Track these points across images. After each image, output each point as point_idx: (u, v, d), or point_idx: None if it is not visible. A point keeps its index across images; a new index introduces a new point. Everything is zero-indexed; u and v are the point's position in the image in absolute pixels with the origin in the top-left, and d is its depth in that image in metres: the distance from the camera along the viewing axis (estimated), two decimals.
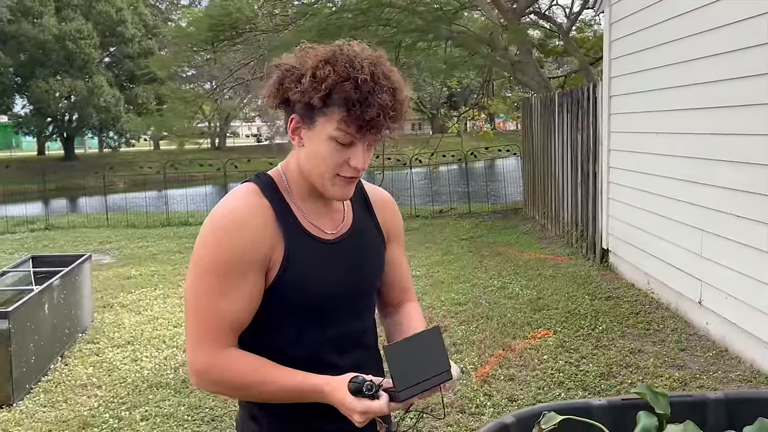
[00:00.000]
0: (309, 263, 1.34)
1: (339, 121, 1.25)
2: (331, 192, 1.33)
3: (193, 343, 1.29)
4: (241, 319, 1.31)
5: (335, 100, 1.24)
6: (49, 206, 17.09)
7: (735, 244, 4.32)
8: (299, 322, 1.35)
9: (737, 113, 4.31)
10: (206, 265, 1.28)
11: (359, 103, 1.23)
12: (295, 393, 1.28)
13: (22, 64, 30.30)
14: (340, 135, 1.26)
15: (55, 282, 4.72)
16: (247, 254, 1.28)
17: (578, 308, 5.47)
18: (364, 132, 1.26)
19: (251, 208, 1.31)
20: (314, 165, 1.31)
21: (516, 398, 3.83)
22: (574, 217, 7.95)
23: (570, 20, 14.26)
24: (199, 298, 1.29)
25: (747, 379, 3.99)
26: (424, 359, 1.22)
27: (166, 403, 3.97)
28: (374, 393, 1.20)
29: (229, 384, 1.30)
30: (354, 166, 1.30)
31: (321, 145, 1.29)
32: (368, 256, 1.46)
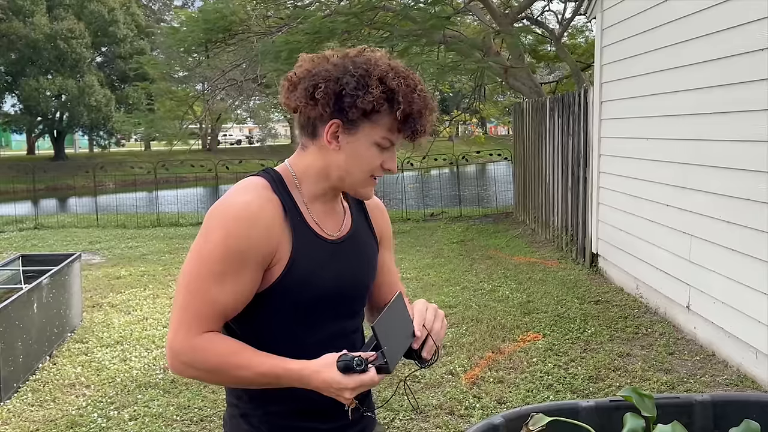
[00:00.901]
0: (313, 262, 1.36)
1: (389, 129, 1.32)
2: (362, 192, 1.40)
3: (176, 323, 1.29)
4: (228, 309, 1.31)
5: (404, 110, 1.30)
6: (39, 206, 16.98)
7: (723, 250, 4.35)
8: (299, 320, 1.36)
9: (727, 119, 4.35)
10: (210, 251, 1.28)
11: (419, 114, 1.31)
12: (271, 378, 1.28)
13: (13, 62, 30.14)
14: (385, 141, 1.33)
15: (44, 281, 4.69)
16: (252, 248, 1.28)
17: (567, 312, 5.50)
18: (413, 139, 1.34)
19: (262, 202, 1.32)
20: (354, 168, 1.35)
21: (505, 400, 3.85)
22: (564, 222, 7.99)
23: (562, 26, 14.33)
24: (194, 281, 1.29)
25: (734, 383, 4.03)
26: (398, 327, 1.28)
27: (155, 403, 3.96)
28: (364, 368, 1.22)
29: (205, 366, 1.28)
30: (388, 168, 1.36)
31: (363, 149, 1.33)
32: (365, 258, 1.49)
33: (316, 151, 1.37)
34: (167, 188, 17.66)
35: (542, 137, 8.98)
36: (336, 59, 1.34)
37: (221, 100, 21.84)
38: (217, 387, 4.14)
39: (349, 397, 1.22)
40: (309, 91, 1.31)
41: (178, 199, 14.17)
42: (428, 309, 1.36)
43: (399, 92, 1.29)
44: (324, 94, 1.29)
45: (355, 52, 1.36)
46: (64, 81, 29.77)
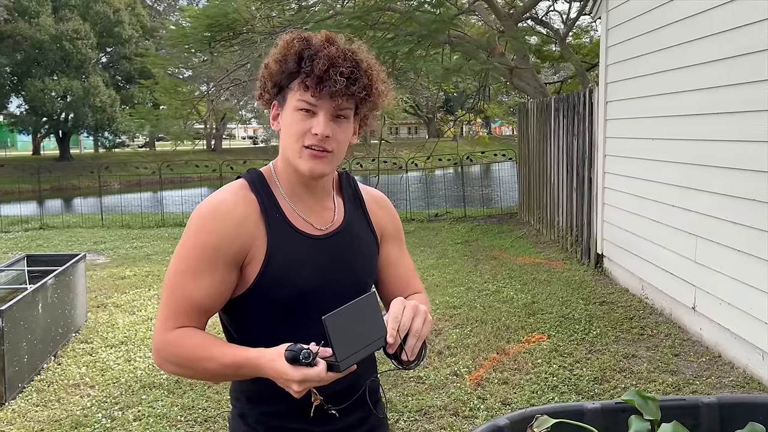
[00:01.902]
0: (292, 258, 1.34)
1: (298, 89, 1.30)
2: (302, 166, 1.34)
3: (158, 320, 1.33)
4: (205, 305, 1.32)
5: (290, 62, 1.30)
6: (44, 206, 17.03)
7: (729, 250, 4.33)
8: (280, 317, 1.34)
9: (732, 120, 4.33)
10: (184, 249, 1.32)
11: (309, 59, 1.28)
12: (233, 368, 1.26)
13: (19, 63, 30.25)
14: (300, 103, 1.30)
15: (49, 281, 4.70)
16: (223, 243, 1.30)
17: (572, 313, 5.48)
18: (318, 92, 1.28)
19: (235, 200, 1.34)
20: (285, 141, 1.35)
21: (510, 402, 3.83)
22: (569, 222, 7.97)
23: (567, 26, 14.31)
24: (171, 278, 1.32)
25: (740, 385, 4.01)
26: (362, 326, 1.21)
27: (159, 403, 3.96)
28: (311, 361, 1.16)
29: (178, 360, 1.30)
30: (315, 132, 1.30)
31: (288, 118, 1.33)
32: (358, 253, 1.45)
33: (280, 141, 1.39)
34: (172, 188, 17.70)
35: (547, 137, 8.96)
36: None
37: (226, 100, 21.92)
38: (221, 387, 4.14)
39: (297, 390, 1.17)
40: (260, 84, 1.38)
41: (182, 199, 14.18)
42: (405, 309, 1.26)
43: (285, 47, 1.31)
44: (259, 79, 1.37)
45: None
46: (70, 82, 29.86)
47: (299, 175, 1.36)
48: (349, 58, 1.29)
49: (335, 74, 1.27)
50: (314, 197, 1.41)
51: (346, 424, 1.39)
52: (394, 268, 1.55)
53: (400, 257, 1.58)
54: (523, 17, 12.31)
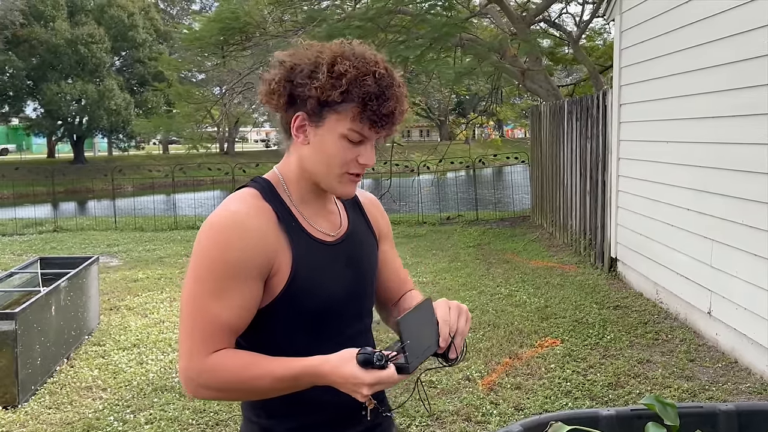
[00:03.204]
0: (316, 267, 1.31)
1: (353, 119, 1.24)
2: (339, 190, 1.32)
3: (186, 349, 1.24)
4: (235, 324, 1.26)
5: (353, 96, 1.22)
6: (58, 209, 17.17)
7: (746, 255, 4.27)
8: (311, 327, 1.32)
9: (748, 122, 4.27)
10: (204, 268, 1.24)
11: (377, 98, 1.22)
12: (290, 381, 1.22)
13: (34, 67, 30.57)
14: (352, 133, 1.25)
15: (62, 284, 4.73)
16: (247, 258, 1.23)
17: (586, 317, 5.43)
18: (378, 128, 1.25)
19: (252, 211, 1.27)
20: (322, 163, 1.29)
21: (522, 407, 3.80)
22: (583, 226, 7.91)
23: (580, 29, 14.24)
24: (194, 301, 1.24)
25: (757, 391, 3.94)
26: (424, 330, 1.24)
27: (171, 406, 3.96)
28: (384, 364, 1.17)
29: (220, 386, 1.24)
30: (363, 163, 1.28)
31: (330, 143, 1.26)
32: (366, 256, 1.45)
33: (293, 150, 1.33)
34: (185, 191, 17.79)
35: (560, 140, 8.90)
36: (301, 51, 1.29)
37: (238, 103, 22.01)
38: None
39: (366, 393, 1.17)
40: (269, 85, 1.28)
41: (195, 202, 14.24)
42: (451, 310, 1.29)
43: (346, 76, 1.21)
44: (277, 85, 1.26)
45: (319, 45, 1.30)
46: (85, 85, 30.14)
47: (315, 187, 1.34)
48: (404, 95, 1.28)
49: (399, 114, 1.26)
50: (321, 204, 1.39)
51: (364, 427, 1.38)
52: (391, 266, 1.56)
53: (394, 256, 1.58)
54: (536, 20, 12.26)
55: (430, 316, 1.28)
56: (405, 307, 1.51)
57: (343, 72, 1.22)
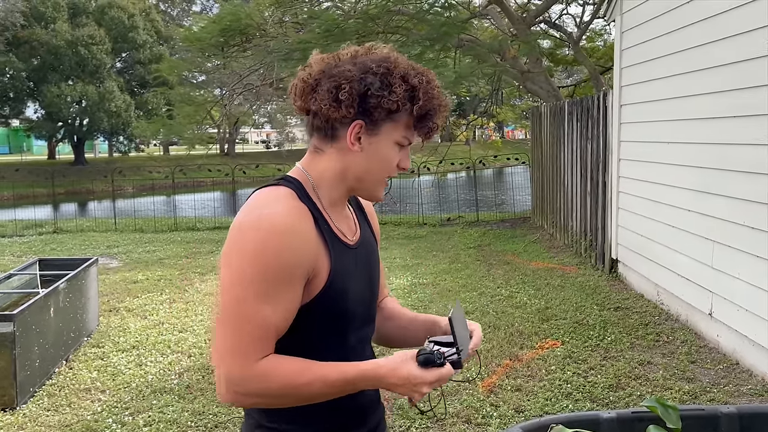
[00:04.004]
0: (346, 270, 1.34)
1: (407, 126, 1.31)
2: (377, 194, 1.39)
3: (231, 353, 1.20)
4: (280, 328, 1.24)
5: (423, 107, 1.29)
6: (58, 210, 17.16)
7: (747, 256, 4.26)
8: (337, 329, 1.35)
9: (749, 123, 4.25)
10: (255, 271, 1.20)
11: (435, 111, 1.32)
12: (343, 386, 1.24)
13: (35, 68, 30.60)
14: (404, 140, 1.32)
15: (61, 285, 4.71)
16: (298, 261, 1.23)
17: (587, 318, 5.41)
18: (429, 136, 1.35)
19: (295, 213, 1.26)
20: (374, 169, 1.33)
21: (523, 409, 3.78)
22: (583, 227, 7.89)
23: (580, 29, 14.23)
24: (244, 305, 1.20)
25: (759, 393, 3.93)
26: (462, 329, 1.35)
27: (170, 408, 3.94)
28: (442, 362, 1.24)
29: (270, 392, 1.22)
30: (404, 167, 1.37)
31: (385, 150, 1.32)
32: (375, 260, 1.48)
33: (333, 154, 1.32)
34: (185, 192, 17.78)
35: (560, 141, 8.89)
36: (352, 58, 1.30)
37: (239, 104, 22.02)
38: None
39: (425, 392, 1.24)
40: (332, 93, 1.26)
41: (195, 203, 14.23)
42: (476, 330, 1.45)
43: (420, 89, 1.28)
44: (348, 95, 1.25)
45: (364, 50, 1.32)
46: (85, 87, 30.16)
47: (347, 192, 1.37)
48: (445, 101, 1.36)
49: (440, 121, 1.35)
50: (342, 207, 1.40)
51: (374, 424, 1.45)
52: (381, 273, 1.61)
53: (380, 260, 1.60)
54: (536, 21, 12.25)
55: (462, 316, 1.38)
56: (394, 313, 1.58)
57: (417, 85, 1.28)
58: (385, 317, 1.57)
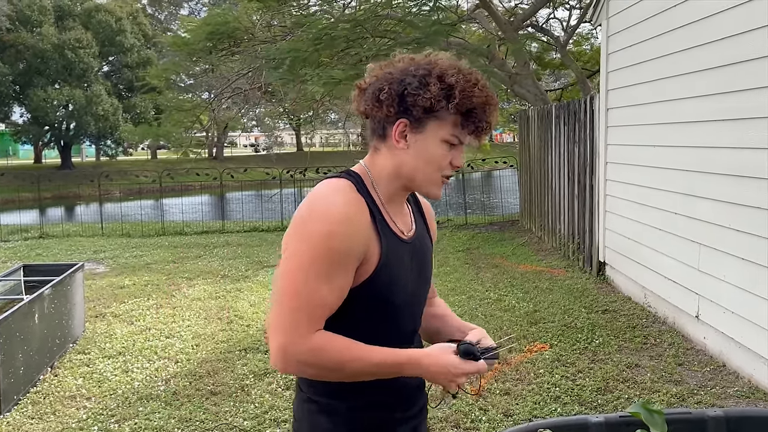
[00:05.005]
0: (397, 261, 1.42)
1: (454, 125, 1.37)
2: (433, 192, 1.44)
3: (289, 327, 1.32)
4: (334, 306, 1.36)
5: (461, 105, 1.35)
6: (45, 214, 17.01)
7: (733, 258, 4.28)
8: (385, 318, 1.43)
9: (734, 126, 4.29)
10: (317, 254, 1.32)
11: (482, 107, 1.36)
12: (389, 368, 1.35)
13: (21, 72, 30.33)
14: (453, 138, 1.38)
15: (46, 291, 4.66)
16: (352, 247, 1.34)
17: (575, 321, 5.42)
18: (478, 135, 1.39)
19: (353, 203, 1.37)
20: (423, 166, 1.40)
21: (511, 413, 3.78)
22: (571, 230, 7.92)
23: (567, 33, 14.31)
24: (305, 284, 1.33)
25: (745, 395, 3.95)
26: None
27: (156, 415, 3.90)
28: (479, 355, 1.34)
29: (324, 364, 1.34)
30: (456, 165, 1.41)
31: (432, 147, 1.38)
32: (428, 257, 1.57)
33: (386, 152, 1.42)
34: (173, 196, 17.68)
35: (548, 145, 8.92)
36: (401, 63, 1.41)
37: (227, 108, 21.94)
38: (219, 399, 4.09)
39: (462, 382, 1.34)
40: (375, 95, 1.38)
41: (183, 207, 14.15)
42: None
43: (457, 87, 1.34)
44: (388, 95, 1.36)
45: (421, 57, 1.42)
46: (72, 91, 29.94)
47: (403, 189, 1.45)
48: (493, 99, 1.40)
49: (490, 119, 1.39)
50: (400, 204, 1.50)
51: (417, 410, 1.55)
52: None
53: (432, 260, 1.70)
54: (524, 25, 12.31)
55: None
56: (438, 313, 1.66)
57: (454, 83, 1.34)
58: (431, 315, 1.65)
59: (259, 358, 4.80)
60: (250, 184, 18.40)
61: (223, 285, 7.31)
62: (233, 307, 6.29)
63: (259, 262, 8.68)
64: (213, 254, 9.48)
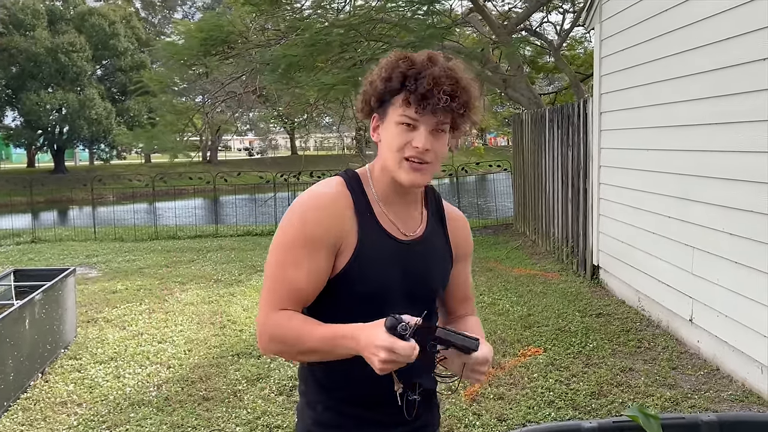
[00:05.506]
0: (379, 257, 1.44)
1: (401, 105, 1.39)
2: (402, 177, 1.42)
3: (263, 303, 1.43)
4: (304, 290, 1.41)
5: (394, 81, 1.38)
6: (38, 219, 16.91)
7: (726, 262, 4.28)
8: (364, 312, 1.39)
9: (727, 130, 4.29)
10: (287, 238, 1.42)
11: (414, 78, 1.37)
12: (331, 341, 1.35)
13: (14, 76, 30.23)
14: (403, 118, 1.39)
15: (37, 296, 4.62)
16: (321, 233, 1.39)
17: (569, 325, 5.41)
18: (421, 110, 1.37)
19: (334, 193, 1.44)
20: (387, 152, 1.43)
21: (505, 418, 3.76)
22: (565, 233, 7.92)
23: (561, 37, 14.35)
24: (274, 266, 1.42)
25: (739, 399, 3.94)
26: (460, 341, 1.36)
27: (148, 421, 3.87)
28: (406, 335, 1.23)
29: (282, 338, 1.39)
30: (415, 145, 1.39)
31: (389, 131, 1.42)
32: (433, 264, 1.54)
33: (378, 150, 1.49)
34: (166, 200, 17.62)
35: (542, 148, 8.93)
36: None
37: (221, 112, 21.90)
38: (212, 405, 4.06)
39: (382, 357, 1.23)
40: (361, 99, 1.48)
41: (176, 211, 14.09)
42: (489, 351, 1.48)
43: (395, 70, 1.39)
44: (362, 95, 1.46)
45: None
46: (65, 94, 29.84)
47: (395, 184, 1.46)
48: (450, 77, 1.38)
49: (438, 92, 1.36)
50: (404, 205, 1.51)
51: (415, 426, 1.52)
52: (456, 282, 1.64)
53: (465, 275, 1.68)
54: (517, 28, 12.33)
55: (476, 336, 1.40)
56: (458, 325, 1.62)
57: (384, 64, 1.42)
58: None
59: (252, 363, 4.77)
60: (243, 188, 18.36)
61: (216, 289, 7.28)
62: (226, 312, 6.26)
63: (253, 266, 8.64)
64: (206, 258, 9.44)
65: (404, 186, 1.45)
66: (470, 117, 1.44)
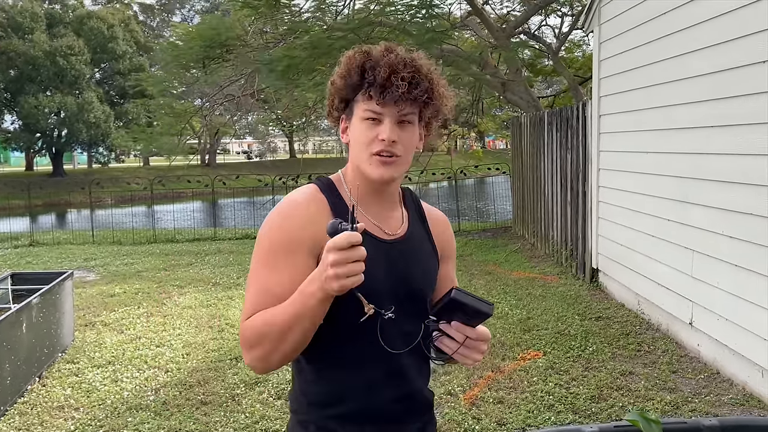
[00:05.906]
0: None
1: (363, 100, 1.37)
2: (372, 172, 1.40)
3: (244, 311, 1.40)
4: (280, 294, 1.35)
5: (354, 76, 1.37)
6: (36, 222, 16.88)
7: (726, 265, 4.27)
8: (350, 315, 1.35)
9: (726, 133, 4.29)
10: (261, 244, 1.40)
11: (371, 69, 1.35)
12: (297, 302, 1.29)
13: (12, 79, 30.23)
14: (367, 113, 1.37)
15: (34, 300, 4.60)
16: (294, 238, 1.37)
17: (568, 329, 5.40)
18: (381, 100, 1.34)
19: (307, 198, 1.42)
20: (355, 150, 1.41)
21: (505, 422, 3.74)
22: (564, 236, 7.91)
23: (559, 40, 14.37)
24: (254, 273, 1.40)
25: (740, 403, 3.93)
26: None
27: (146, 426, 3.85)
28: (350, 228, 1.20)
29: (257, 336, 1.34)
30: (381, 138, 1.36)
31: (356, 129, 1.40)
32: (419, 263, 1.51)
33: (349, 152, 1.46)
34: (164, 203, 17.59)
35: (540, 151, 8.92)
36: None
37: (219, 115, 21.91)
38: (210, 410, 4.04)
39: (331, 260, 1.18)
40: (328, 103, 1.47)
41: (174, 215, 14.06)
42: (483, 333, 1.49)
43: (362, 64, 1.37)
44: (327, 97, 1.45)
45: None
46: (64, 98, 29.83)
47: (369, 182, 1.43)
48: (409, 64, 1.36)
49: (397, 80, 1.33)
50: (381, 205, 1.48)
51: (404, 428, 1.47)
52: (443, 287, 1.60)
53: (452, 278, 1.66)
54: (516, 32, 12.34)
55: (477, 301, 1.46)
56: None
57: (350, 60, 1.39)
58: None
59: None
60: (242, 191, 18.35)
61: (214, 293, 7.25)
62: (224, 316, 6.24)
63: None
64: (204, 262, 9.42)
65: (375, 182, 1.41)
66: (436, 106, 1.41)
